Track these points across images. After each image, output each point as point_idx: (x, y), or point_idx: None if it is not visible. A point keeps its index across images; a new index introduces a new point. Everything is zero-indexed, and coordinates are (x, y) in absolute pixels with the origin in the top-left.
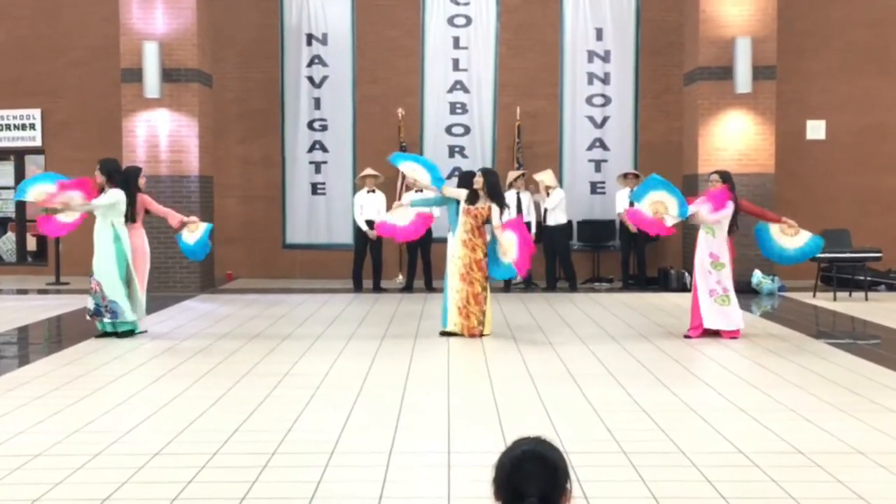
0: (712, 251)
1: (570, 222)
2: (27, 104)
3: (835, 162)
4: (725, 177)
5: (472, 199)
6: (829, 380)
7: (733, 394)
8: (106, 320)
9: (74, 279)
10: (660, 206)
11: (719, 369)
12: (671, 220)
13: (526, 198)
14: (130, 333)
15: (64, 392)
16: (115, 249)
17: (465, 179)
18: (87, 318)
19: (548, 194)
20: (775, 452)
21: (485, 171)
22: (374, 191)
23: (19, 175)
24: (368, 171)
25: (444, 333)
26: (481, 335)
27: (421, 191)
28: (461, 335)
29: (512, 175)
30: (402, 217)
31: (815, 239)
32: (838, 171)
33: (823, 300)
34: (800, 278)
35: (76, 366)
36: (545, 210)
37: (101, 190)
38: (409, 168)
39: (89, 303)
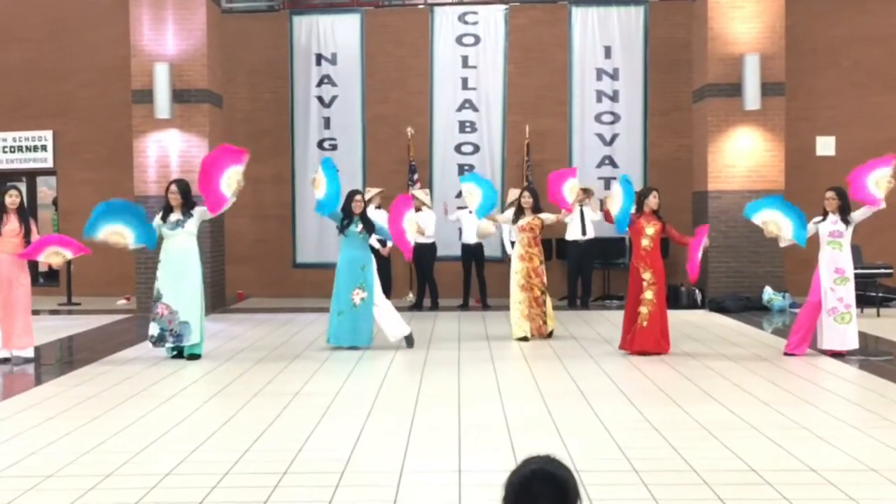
0: (838, 266)
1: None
2: (39, 126)
3: (845, 178)
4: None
5: (519, 216)
6: (840, 396)
7: (744, 411)
8: (168, 344)
9: (86, 300)
10: (772, 226)
11: (729, 386)
12: (784, 242)
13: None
14: (197, 357)
15: (75, 413)
16: (201, 268)
17: (347, 199)
18: (151, 345)
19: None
20: (787, 470)
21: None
22: (380, 207)
23: (31, 197)
24: (375, 188)
25: (521, 339)
26: (550, 334)
27: (419, 209)
28: (532, 337)
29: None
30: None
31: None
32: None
33: None
34: None
35: (87, 386)
36: (582, 224)
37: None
38: (467, 190)
39: (153, 329)
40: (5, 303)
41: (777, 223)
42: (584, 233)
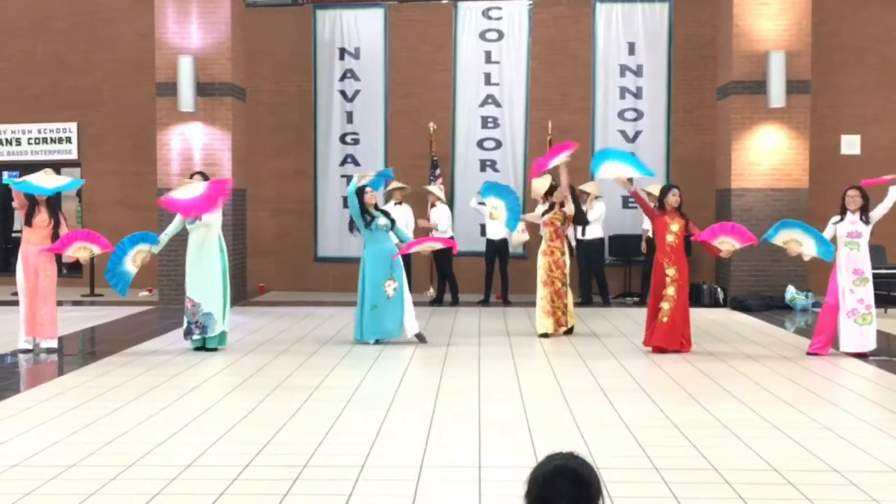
0: (857, 267)
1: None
2: (64, 117)
3: (870, 177)
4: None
5: (549, 210)
6: (864, 397)
7: (766, 410)
8: (195, 337)
9: (109, 291)
10: (793, 245)
11: (751, 385)
12: (808, 256)
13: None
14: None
15: (97, 403)
16: (223, 259)
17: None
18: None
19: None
20: (809, 470)
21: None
22: (400, 203)
23: None
24: (396, 183)
25: (542, 335)
26: (569, 330)
27: (434, 204)
28: (553, 334)
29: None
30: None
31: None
32: (873, 186)
33: None
34: None
35: (109, 377)
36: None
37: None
38: (491, 205)
39: (184, 322)
40: (31, 292)
41: (797, 240)
42: (583, 233)
